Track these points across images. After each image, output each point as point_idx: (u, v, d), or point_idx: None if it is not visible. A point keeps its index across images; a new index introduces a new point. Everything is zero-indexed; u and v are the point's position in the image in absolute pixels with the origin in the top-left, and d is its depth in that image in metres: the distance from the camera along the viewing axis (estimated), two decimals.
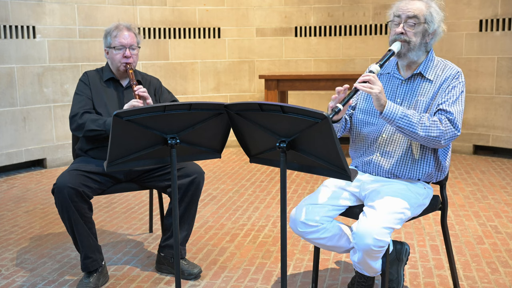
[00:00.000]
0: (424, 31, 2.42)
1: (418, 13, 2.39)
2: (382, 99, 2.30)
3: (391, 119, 2.32)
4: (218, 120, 2.23)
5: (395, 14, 2.44)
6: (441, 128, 2.33)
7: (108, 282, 2.96)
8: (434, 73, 2.46)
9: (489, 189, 4.66)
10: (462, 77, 2.44)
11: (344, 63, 6.84)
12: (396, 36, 2.42)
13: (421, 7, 2.41)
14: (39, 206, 4.37)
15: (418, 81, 2.47)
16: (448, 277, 2.95)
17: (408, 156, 2.46)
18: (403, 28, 2.41)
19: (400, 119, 2.31)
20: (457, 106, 2.39)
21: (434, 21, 2.42)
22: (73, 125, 2.98)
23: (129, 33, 3.03)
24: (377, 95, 2.29)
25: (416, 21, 2.39)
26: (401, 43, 2.41)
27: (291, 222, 2.49)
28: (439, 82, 2.43)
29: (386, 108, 2.31)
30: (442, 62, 2.50)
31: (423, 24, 2.40)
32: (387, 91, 2.53)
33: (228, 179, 5.16)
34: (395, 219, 2.31)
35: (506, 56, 5.82)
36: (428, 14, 2.40)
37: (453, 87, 2.41)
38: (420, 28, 2.41)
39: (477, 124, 6.12)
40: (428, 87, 2.45)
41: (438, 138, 2.33)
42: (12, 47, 5.38)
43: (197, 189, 2.95)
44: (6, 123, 5.41)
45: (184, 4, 6.57)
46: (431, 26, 2.42)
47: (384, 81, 2.56)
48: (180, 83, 6.67)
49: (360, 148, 2.58)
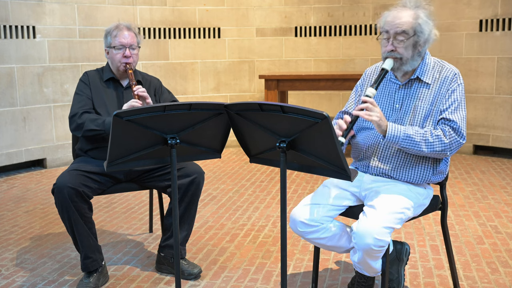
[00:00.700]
0: (415, 43, 2.37)
1: (407, 27, 2.33)
2: (383, 125, 2.31)
3: (395, 142, 2.33)
4: (218, 120, 2.23)
5: (384, 29, 2.39)
6: (445, 142, 2.32)
7: (108, 282, 2.96)
8: (432, 76, 2.44)
9: (489, 189, 4.66)
10: (460, 78, 2.42)
11: (344, 63, 6.85)
12: (387, 54, 2.38)
13: (409, 19, 2.34)
14: (39, 206, 4.37)
15: (416, 85, 2.46)
16: (448, 277, 2.95)
17: (405, 160, 2.45)
18: (392, 45, 2.36)
19: (403, 140, 2.32)
20: (459, 113, 2.37)
21: (424, 32, 2.36)
22: (72, 125, 2.98)
23: (129, 33, 3.03)
24: (378, 123, 2.30)
25: (406, 36, 2.34)
26: (393, 59, 2.38)
27: (291, 222, 2.49)
28: (437, 85, 2.41)
29: (388, 132, 2.31)
30: (438, 63, 2.47)
31: (413, 36, 2.35)
32: (385, 96, 2.52)
33: (228, 179, 5.16)
34: (396, 218, 2.31)
35: (506, 56, 5.82)
36: (417, 25, 2.34)
37: (453, 91, 2.39)
38: (410, 41, 2.35)
39: (477, 124, 6.12)
40: (426, 92, 2.43)
41: (444, 152, 2.34)
42: (12, 47, 5.38)
43: (197, 189, 2.95)
44: (6, 123, 5.41)
45: (184, 4, 6.57)
46: (422, 37, 2.36)
47: (382, 87, 2.54)
48: (180, 83, 6.67)
49: (358, 153, 2.59)
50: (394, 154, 2.46)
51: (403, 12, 2.36)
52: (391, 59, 2.38)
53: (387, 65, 2.38)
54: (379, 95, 2.53)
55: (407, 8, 2.38)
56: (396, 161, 2.46)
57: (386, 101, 2.50)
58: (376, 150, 2.49)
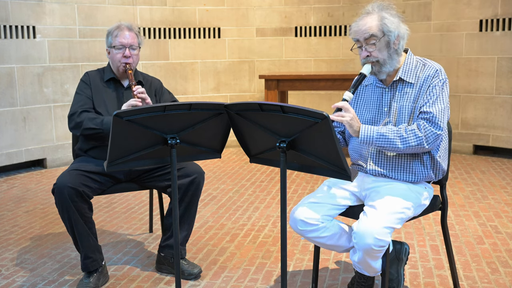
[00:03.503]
0: (387, 43, 2.40)
1: (374, 31, 2.37)
2: (354, 125, 2.36)
3: (369, 142, 2.37)
4: (218, 120, 2.23)
5: (355, 39, 2.44)
6: (419, 135, 2.34)
7: (108, 282, 2.96)
8: (415, 75, 2.46)
9: (489, 189, 4.66)
10: (442, 74, 2.43)
11: (344, 63, 6.85)
12: (364, 60, 2.43)
13: (374, 22, 2.39)
14: (39, 206, 4.37)
15: (400, 86, 2.48)
16: (448, 277, 2.95)
17: (401, 161, 2.47)
18: (366, 51, 2.41)
19: (377, 139, 2.36)
20: (438, 105, 2.38)
21: (392, 29, 2.39)
22: (71, 123, 2.98)
23: (129, 33, 3.03)
24: (349, 122, 2.35)
25: (375, 39, 2.38)
26: (371, 64, 2.42)
27: (291, 220, 2.49)
28: (420, 83, 2.44)
29: (360, 133, 2.36)
30: (421, 62, 2.49)
31: (383, 37, 2.38)
32: (373, 101, 2.54)
33: (228, 179, 5.16)
34: (396, 218, 2.31)
35: (506, 56, 5.82)
36: (383, 25, 2.38)
37: (433, 86, 2.41)
38: (381, 43, 2.39)
39: (477, 124, 6.12)
40: (410, 91, 2.45)
41: (420, 145, 2.35)
42: (12, 47, 5.38)
43: (197, 189, 2.95)
44: (6, 123, 5.41)
45: (184, 4, 6.57)
46: (392, 35, 2.39)
47: (369, 92, 2.57)
48: (180, 83, 6.67)
49: (354, 157, 2.61)
50: (388, 156, 2.47)
51: (367, 18, 2.42)
52: (369, 64, 2.43)
53: (365, 70, 2.43)
54: (367, 101, 2.57)
55: (371, 13, 2.43)
56: (391, 162, 2.48)
57: (374, 106, 2.53)
58: (370, 154, 2.51)
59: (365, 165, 2.54)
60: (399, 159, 2.46)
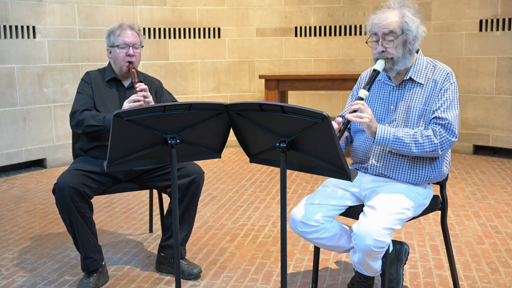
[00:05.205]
0: (404, 41, 2.39)
1: (394, 27, 2.36)
2: (373, 127, 2.33)
3: (384, 144, 2.36)
4: (218, 120, 2.23)
5: (372, 32, 2.42)
6: (435, 142, 2.34)
7: (108, 282, 2.96)
8: (425, 76, 2.45)
9: (489, 189, 4.66)
10: (453, 77, 2.43)
11: (344, 63, 6.85)
12: (378, 55, 2.41)
13: (395, 19, 2.37)
14: (39, 206, 4.37)
15: (409, 86, 2.47)
16: (448, 277, 2.95)
17: (403, 161, 2.46)
18: (382, 46, 2.39)
19: (393, 142, 2.35)
20: (452, 111, 2.38)
21: (412, 29, 2.38)
22: (73, 121, 2.98)
23: (132, 32, 3.04)
24: (368, 124, 2.33)
25: (394, 35, 2.37)
26: (384, 60, 2.40)
27: (291, 221, 2.49)
28: (430, 85, 2.42)
29: (377, 134, 2.34)
30: (431, 63, 2.48)
31: (401, 35, 2.37)
32: (379, 98, 2.53)
33: (228, 179, 5.16)
34: (396, 219, 2.31)
35: (506, 56, 5.82)
36: (403, 24, 2.37)
37: (445, 90, 2.40)
38: (399, 40, 2.38)
39: (477, 124, 6.12)
40: (420, 92, 2.44)
41: (434, 151, 2.35)
42: (12, 47, 5.38)
43: (197, 189, 2.95)
44: (6, 123, 5.41)
45: (184, 4, 6.57)
46: (410, 35, 2.38)
47: (376, 89, 2.56)
48: (180, 83, 6.67)
49: (356, 155, 2.60)
50: (392, 155, 2.47)
51: (389, 13, 2.39)
52: (383, 60, 2.41)
53: (379, 66, 2.41)
54: (373, 98, 2.55)
55: (392, 9, 2.41)
56: (394, 162, 2.47)
57: (380, 103, 2.52)
58: (374, 152, 2.50)
59: (367, 163, 2.53)
60: (401, 160, 2.45)
